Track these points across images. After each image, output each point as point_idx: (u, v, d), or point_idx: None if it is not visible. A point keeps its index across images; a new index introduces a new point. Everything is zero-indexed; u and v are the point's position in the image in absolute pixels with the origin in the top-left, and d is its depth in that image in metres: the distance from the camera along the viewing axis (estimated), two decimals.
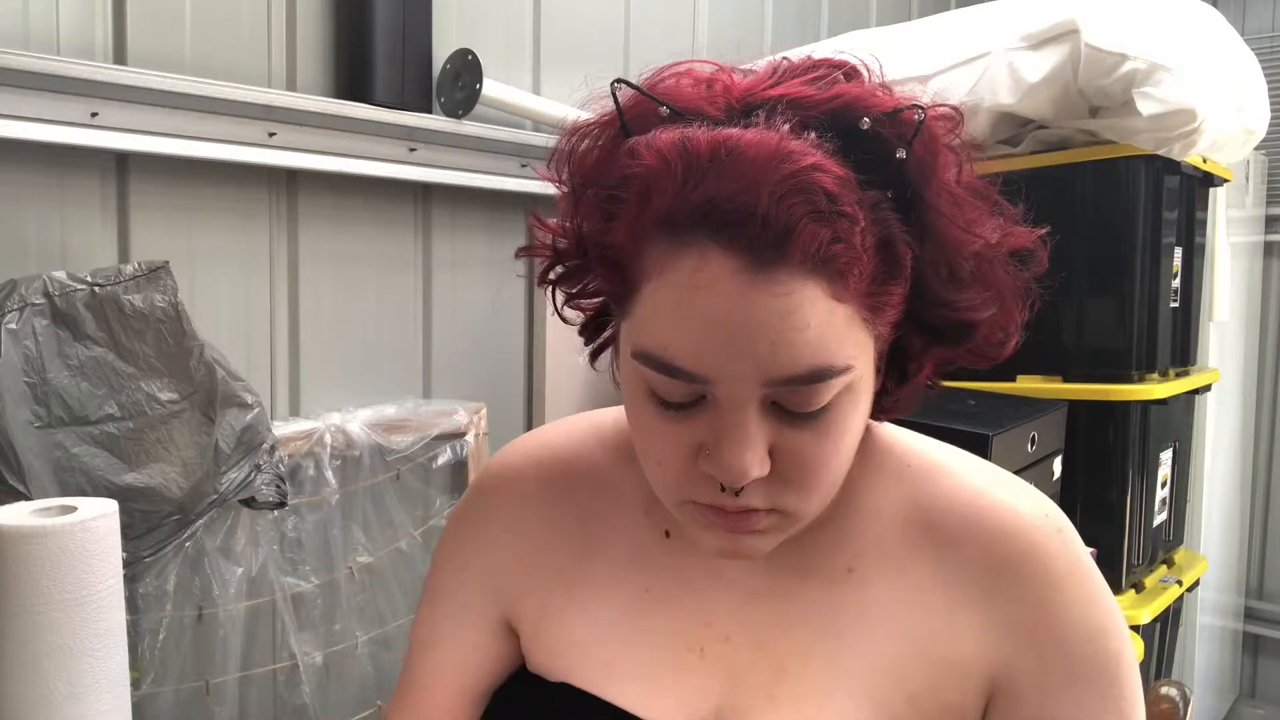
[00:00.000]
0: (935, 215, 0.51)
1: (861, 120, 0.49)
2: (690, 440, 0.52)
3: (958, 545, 0.59)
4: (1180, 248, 1.82)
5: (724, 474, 0.51)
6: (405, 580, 1.40)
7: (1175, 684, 0.99)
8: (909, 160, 0.50)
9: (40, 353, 0.99)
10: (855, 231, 0.47)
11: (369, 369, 1.43)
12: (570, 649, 0.65)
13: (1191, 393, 1.93)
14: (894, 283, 0.51)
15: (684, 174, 0.47)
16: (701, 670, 0.61)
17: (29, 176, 1.09)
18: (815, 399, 0.50)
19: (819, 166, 0.46)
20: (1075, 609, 0.58)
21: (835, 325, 0.49)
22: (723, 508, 0.53)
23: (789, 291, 0.47)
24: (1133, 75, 1.51)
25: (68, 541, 0.77)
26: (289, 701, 1.29)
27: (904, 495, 0.62)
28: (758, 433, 0.50)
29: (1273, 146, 2.72)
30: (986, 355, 0.58)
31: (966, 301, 0.54)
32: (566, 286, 0.62)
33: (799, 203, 0.46)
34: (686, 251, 0.48)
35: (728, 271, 0.47)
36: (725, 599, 0.63)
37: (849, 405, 0.52)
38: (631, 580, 0.64)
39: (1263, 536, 3.02)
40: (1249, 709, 2.98)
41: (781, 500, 0.53)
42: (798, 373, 0.48)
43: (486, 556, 0.70)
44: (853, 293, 0.48)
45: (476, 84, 1.40)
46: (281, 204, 1.32)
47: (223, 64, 1.23)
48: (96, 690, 0.79)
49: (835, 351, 0.49)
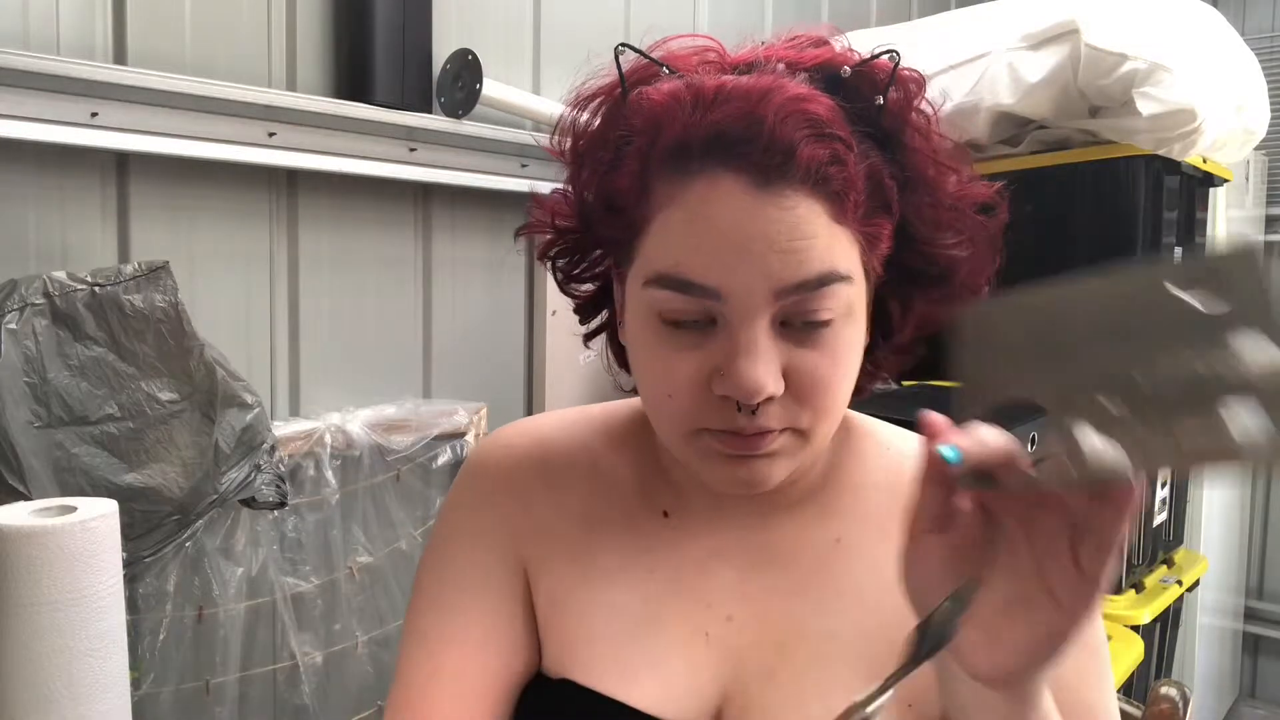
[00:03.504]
0: (911, 153, 0.56)
1: (842, 69, 0.55)
2: (703, 365, 0.53)
3: None
4: (1180, 248, 1.82)
5: (741, 390, 0.51)
6: (405, 580, 1.40)
7: (1175, 684, 0.99)
8: (886, 106, 0.54)
9: (40, 353, 0.99)
10: (850, 155, 0.51)
11: (369, 369, 1.43)
12: (581, 644, 0.63)
13: None
14: (884, 215, 0.54)
15: (692, 106, 0.52)
16: (709, 656, 0.61)
17: (29, 176, 1.09)
18: (823, 306, 0.52)
19: (812, 97, 0.51)
20: None
21: (839, 240, 0.52)
22: (740, 431, 0.53)
23: (794, 205, 0.50)
24: (1133, 75, 1.51)
25: (68, 541, 0.77)
26: (289, 701, 1.29)
27: (882, 472, 0.65)
28: (769, 349, 0.52)
29: (1273, 146, 2.72)
30: (962, 300, 0.61)
31: (944, 241, 0.58)
32: (566, 263, 0.64)
33: (799, 123, 0.50)
34: (696, 179, 0.51)
35: (737, 190, 0.50)
36: (722, 575, 0.63)
37: (849, 329, 0.54)
38: (636, 565, 0.64)
39: (1263, 536, 3.02)
40: (1249, 709, 2.98)
41: (795, 419, 0.54)
42: (807, 277, 0.51)
43: (495, 526, 0.66)
44: (850, 217, 0.52)
45: (476, 84, 1.40)
46: (281, 204, 1.32)
47: (223, 64, 1.22)
48: (96, 690, 0.79)
49: (839, 261, 0.52)
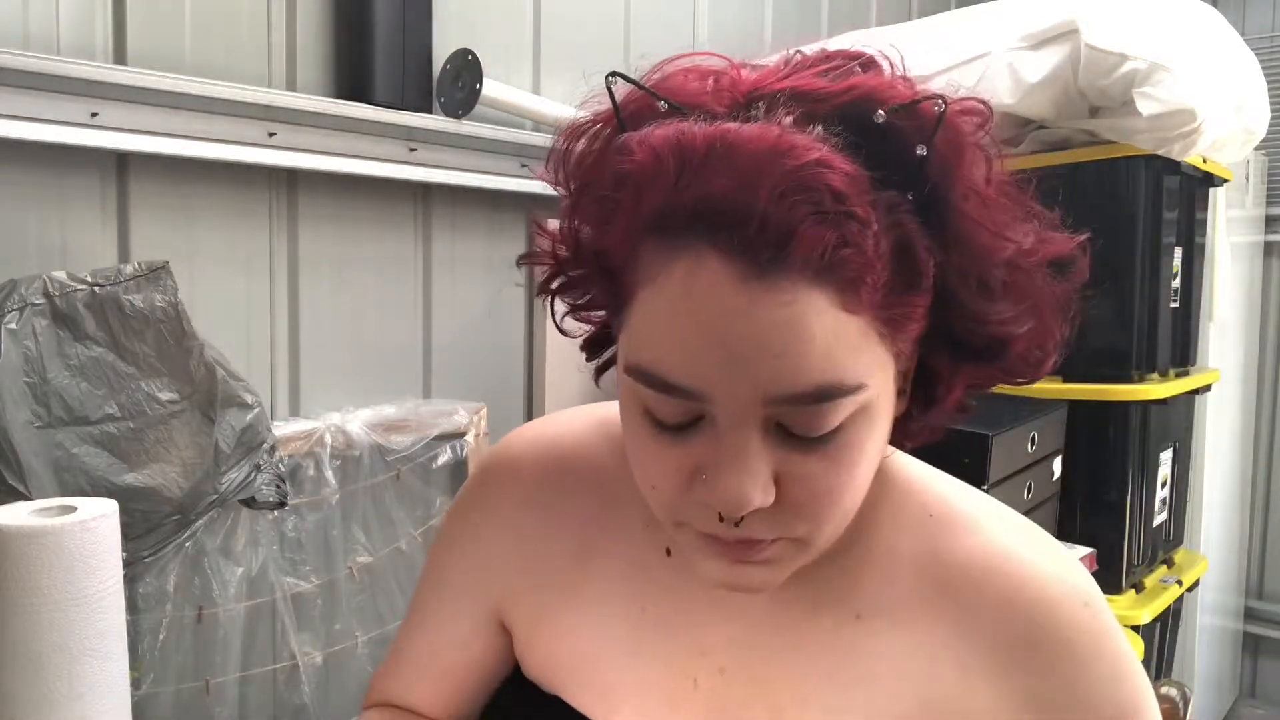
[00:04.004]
0: (961, 218, 0.47)
1: (876, 113, 0.45)
2: (687, 464, 0.48)
3: (975, 611, 0.55)
4: (1180, 248, 1.82)
5: (722, 503, 0.46)
6: (405, 580, 1.40)
7: (1175, 684, 0.99)
8: (930, 157, 0.45)
9: (40, 353, 0.99)
10: (866, 235, 0.43)
11: (369, 369, 1.43)
12: (564, 664, 0.63)
13: (1191, 393, 1.94)
14: (914, 293, 0.46)
15: (676, 171, 0.44)
16: (693, 703, 0.59)
17: (29, 176, 1.09)
18: (823, 421, 0.45)
19: (824, 162, 0.42)
20: (1101, 687, 0.53)
21: (845, 339, 0.44)
22: (722, 538, 0.49)
23: (791, 301, 0.43)
24: (1133, 75, 1.51)
25: (68, 541, 0.77)
26: (289, 701, 1.28)
27: (922, 546, 0.57)
28: (760, 458, 0.46)
29: (1273, 146, 2.72)
30: (1022, 374, 0.53)
31: (999, 314, 0.49)
32: (567, 297, 0.58)
33: (801, 201, 0.42)
34: (680, 256, 0.44)
35: (724, 278, 0.43)
36: (724, 627, 0.59)
37: (864, 429, 0.47)
38: (630, 597, 0.62)
39: (1263, 536, 3.02)
40: (1249, 709, 2.98)
41: (789, 529, 0.48)
42: (802, 390, 0.44)
43: (484, 548, 0.68)
44: (866, 304, 0.44)
45: (476, 84, 1.40)
46: (281, 204, 1.31)
47: (223, 64, 1.22)
48: (96, 690, 0.79)
49: (845, 368, 0.44)
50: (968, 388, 0.55)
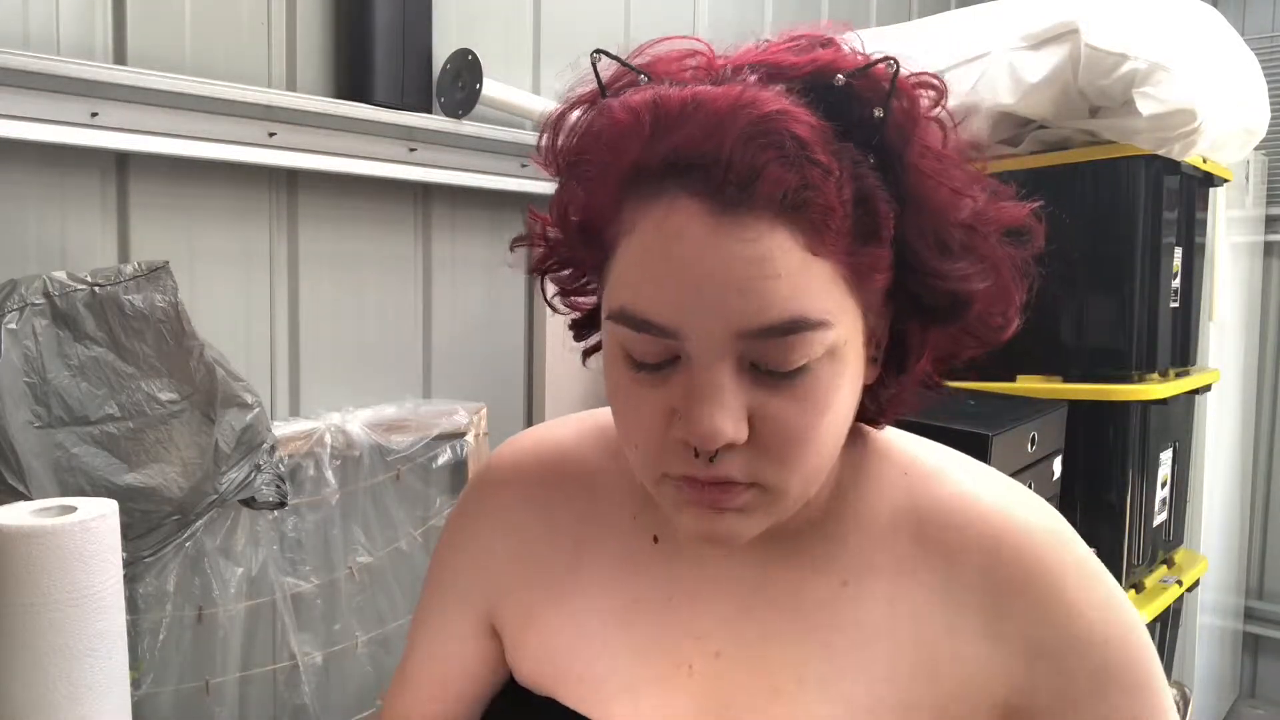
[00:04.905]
0: (918, 175, 0.50)
1: (835, 78, 0.48)
2: (664, 406, 0.50)
3: (959, 562, 0.56)
4: (1180, 248, 1.82)
5: (694, 435, 0.48)
6: (405, 580, 1.40)
7: (1175, 684, 0.99)
8: (888, 119, 0.48)
9: (40, 353, 0.99)
10: (828, 180, 0.46)
11: (369, 369, 1.43)
12: (555, 660, 0.63)
13: (1191, 393, 1.93)
14: (876, 244, 0.49)
15: (651, 125, 0.47)
16: (689, 689, 0.59)
17: (29, 176, 1.09)
18: (792, 354, 0.47)
19: (786, 113, 0.46)
20: (1087, 614, 0.55)
21: (812, 279, 0.47)
22: (697, 478, 0.50)
23: (757, 238, 0.46)
24: (1133, 75, 1.51)
25: (68, 541, 0.77)
26: (289, 701, 1.29)
27: (900, 504, 0.59)
28: (732, 393, 0.48)
29: (1273, 146, 2.72)
30: (985, 338, 0.56)
31: (958, 271, 0.52)
32: (559, 278, 0.61)
33: (765, 145, 0.45)
34: (656, 203, 0.48)
35: (694, 217, 0.46)
36: (716, 609, 0.60)
37: (831, 373, 0.49)
38: (620, 588, 0.62)
39: (1263, 536, 3.02)
40: (1249, 709, 2.98)
41: (761, 473, 0.50)
42: (770, 323, 0.46)
43: (478, 553, 0.69)
44: (830, 249, 0.47)
45: (476, 84, 1.40)
46: (281, 204, 1.32)
47: (223, 64, 1.22)
48: (96, 690, 0.79)
49: (812, 304, 0.47)
50: (937, 358, 0.57)
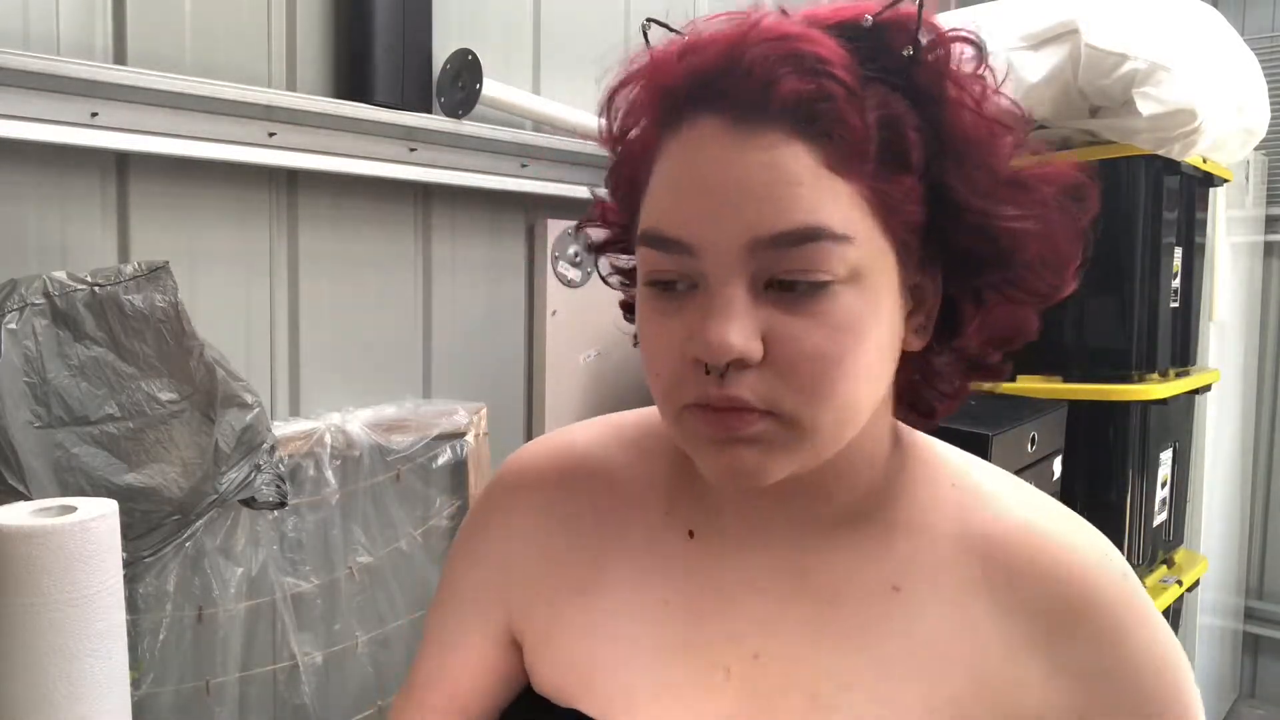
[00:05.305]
0: (955, 111, 0.49)
1: (864, 19, 0.49)
2: (683, 332, 0.49)
3: (1016, 584, 0.54)
4: (1180, 248, 1.82)
5: (705, 347, 0.47)
6: (405, 580, 1.40)
7: None
8: (919, 59, 0.48)
9: (40, 353, 0.99)
10: (849, 98, 0.46)
11: (369, 369, 1.43)
12: (580, 669, 0.60)
13: (1191, 393, 1.94)
14: (904, 172, 0.48)
15: (679, 55, 0.50)
16: (726, 694, 0.56)
17: (29, 176, 1.09)
18: (811, 266, 0.47)
19: (808, 37, 0.47)
20: (1143, 653, 0.54)
21: (833, 195, 0.47)
22: (711, 404, 0.49)
23: (773, 146, 0.46)
24: (1133, 75, 1.51)
25: (68, 541, 0.77)
26: (289, 701, 1.29)
27: (953, 516, 0.57)
28: (745, 308, 0.47)
29: (1273, 146, 2.72)
30: (1039, 290, 0.53)
31: (1004, 214, 0.50)
32: (617, 262, 0.63)
33: (784, 60, 0.46)
34: (683, 127, 0.49)
35: (713, 132, 0.48)
36: (753, 608, 0.57)
37: (858, 300, 0.48)
38: (650, 590, 0.60)
39: (1263, 536, 3.02)
40: (1249, 709, 2.98)
41: (778, 399, 0.48)
42: (785, 229, 0.46)
43: (496, 562, 0.66)
44: (852, 170, 0.47)
45: (476, 84, 1.40)
46: (281, 204, 1.32)
47: (223, 64, 1.22)
48: (96, 690, 0.79)
49: (830, 215, 0.46)
50: (989, 335, 0.55)
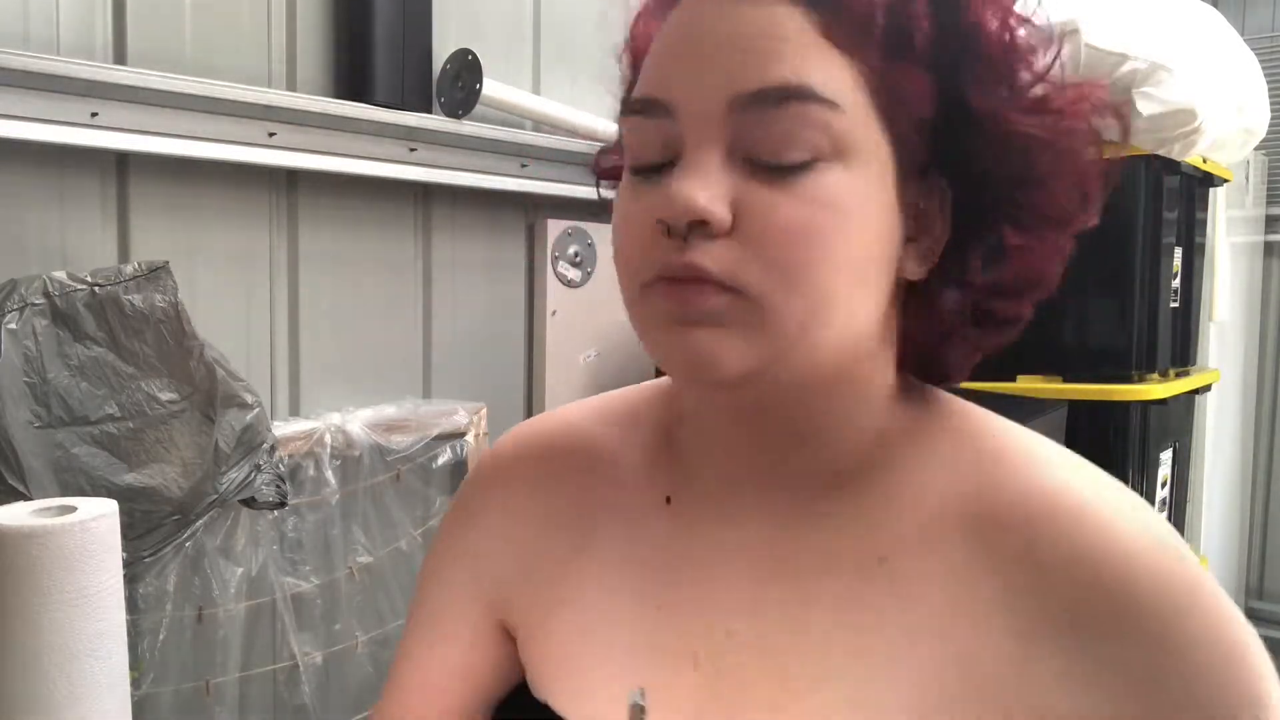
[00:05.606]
0: (980, 10, 0.46)
1: None
2: (652, 205, 0.46)
3: (1039, 562, 0.45)
4: (1180, 248, 1.82)
5: (667, 204, 0.44)
6: (405, 580, 1.40)
7: None
8: None
9: (40, 353, 0.99)
10: None
11: (369, 369, 1.43)
12: (559, 655, 0.58)
13: (1191, 393, 1.94)
14: (909, 60, 0.45)
15: None
16: (695, 683, 0.52)
17: (29, 176, 1.09)
18: (792, 131, 0.44)
19: None
20: (1213, 664, 0.42)
21: (825, 59, 0.44)
22: (673, 275, 0.45)
23: (770, 4, 0.44)
24: (1133, 75, 1.51)
25: (68, 541, 0.77)
26: (289, 701, 1.29)
27: (965, 477, 0.49)
28: (716, 171, 0.44)
29: (1273, 146, 2.72)
30: (1054, 218, 0.49)
31: (1020, 120, 0.47)
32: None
33: None
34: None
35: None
36: (730, 580, 0.53)
37: (843, 182, 0.44)
38: (627, 569, 0.57)
39: (1263, 536, 3.02)
40: None
41: (743, 272, 0.44)
42: (766, 85, 0.43)
43: (479, 546, 0.65)
44: (850, 44, 0.44)
45: (476, 84, 1.40)
46: (281, 204, 1.32)
47: (223, 64, 1.22)
48: (96, 690, 0.79)
49: (817, 77, 0.44)
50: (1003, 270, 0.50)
